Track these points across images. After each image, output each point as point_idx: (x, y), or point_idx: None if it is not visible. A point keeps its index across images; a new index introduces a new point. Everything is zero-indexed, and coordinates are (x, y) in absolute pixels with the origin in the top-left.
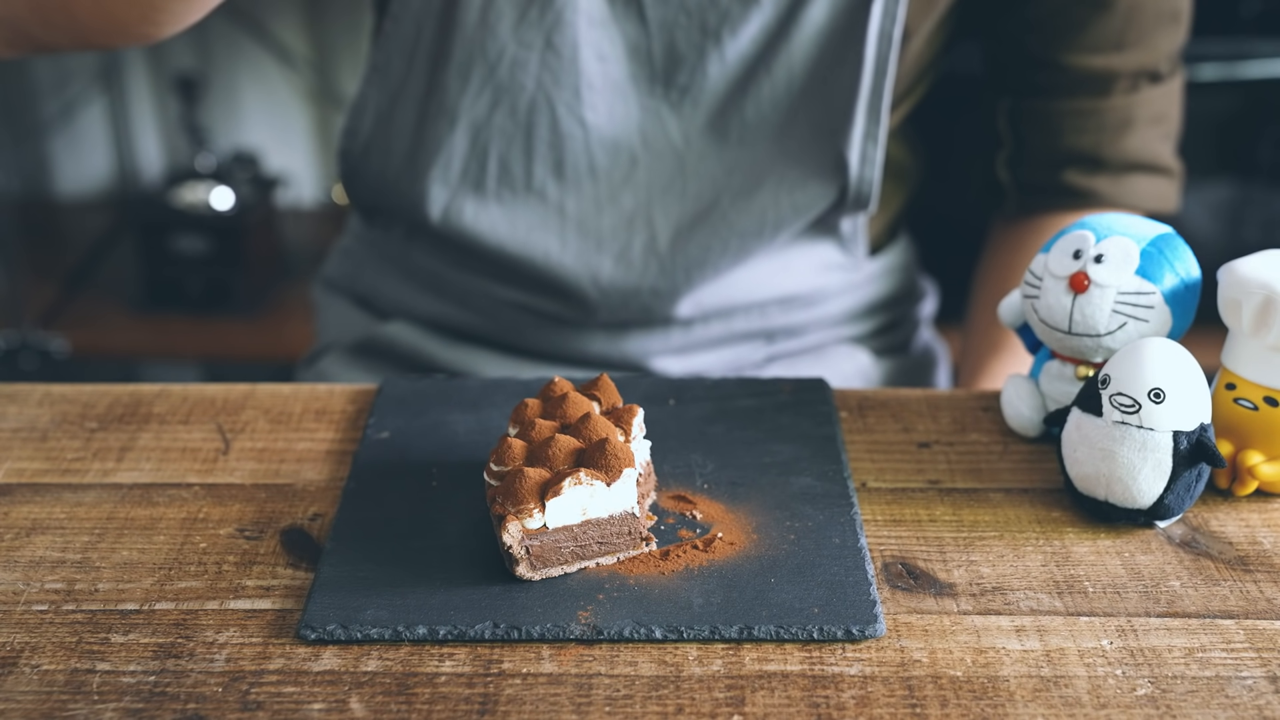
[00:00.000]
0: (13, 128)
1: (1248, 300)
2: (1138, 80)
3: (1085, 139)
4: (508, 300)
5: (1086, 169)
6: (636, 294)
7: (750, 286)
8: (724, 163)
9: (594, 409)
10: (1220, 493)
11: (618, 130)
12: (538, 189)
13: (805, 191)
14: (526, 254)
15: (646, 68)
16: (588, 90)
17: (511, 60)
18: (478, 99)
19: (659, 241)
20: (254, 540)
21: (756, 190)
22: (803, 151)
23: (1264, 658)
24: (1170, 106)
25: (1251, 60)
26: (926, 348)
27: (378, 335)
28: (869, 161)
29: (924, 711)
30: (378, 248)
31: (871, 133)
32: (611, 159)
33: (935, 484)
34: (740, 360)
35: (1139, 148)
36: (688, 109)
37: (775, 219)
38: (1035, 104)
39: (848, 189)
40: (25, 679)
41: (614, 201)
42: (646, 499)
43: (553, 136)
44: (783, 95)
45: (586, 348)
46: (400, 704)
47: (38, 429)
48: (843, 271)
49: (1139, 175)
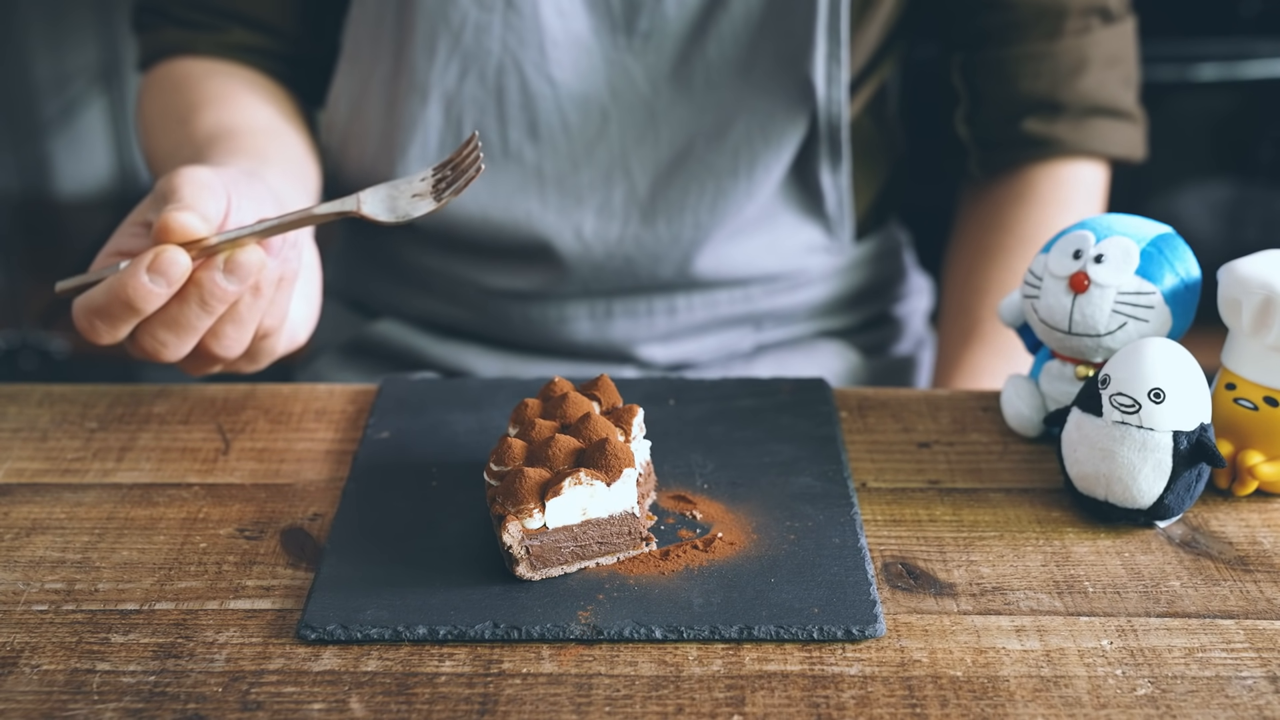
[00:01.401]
0: (13, 128)
1: (1248, 300)
2: (1088, 19)
3: (1040, 83)
4: (493, 288)
5: (1045, 115)
6: (620, 245)
7: (736, 260)
8: (693, 106)
9: (594, 409)
10: (1220, 493)
11: (586, 86)
12: (514, 153)
13: (775, 122)
14: (510, 219)
15: (606, 18)
16: (552, 47)
17: (475, 25)
18: (446, 70)
19: (638, 190)
20: (254, 540)
21: (728, 129)
22: (768, 83)
23: (1264, 658)
24: (1125, 48)
25: (1251, 60)
26: (919, 345)
27: (368, 334)
28: (835, 81)
29: (924, 711)
30: (367, 250)
31: (834, 53)
32: (583, 115)
33: (935, 484)
34: (728, 348)
35: (1096, 89)
36: (651, 56)
37: (749, 155)
38: (987, 54)
39: (817, 114)
40: (25, 679)
41: (590, 157)
42: (647, 499)
43: (523, 99)
44: (742, 30)
45: (573, 336)
46: (400, 704)
47: (38, 429)
48: (827, 254)
49: (1101, 119)
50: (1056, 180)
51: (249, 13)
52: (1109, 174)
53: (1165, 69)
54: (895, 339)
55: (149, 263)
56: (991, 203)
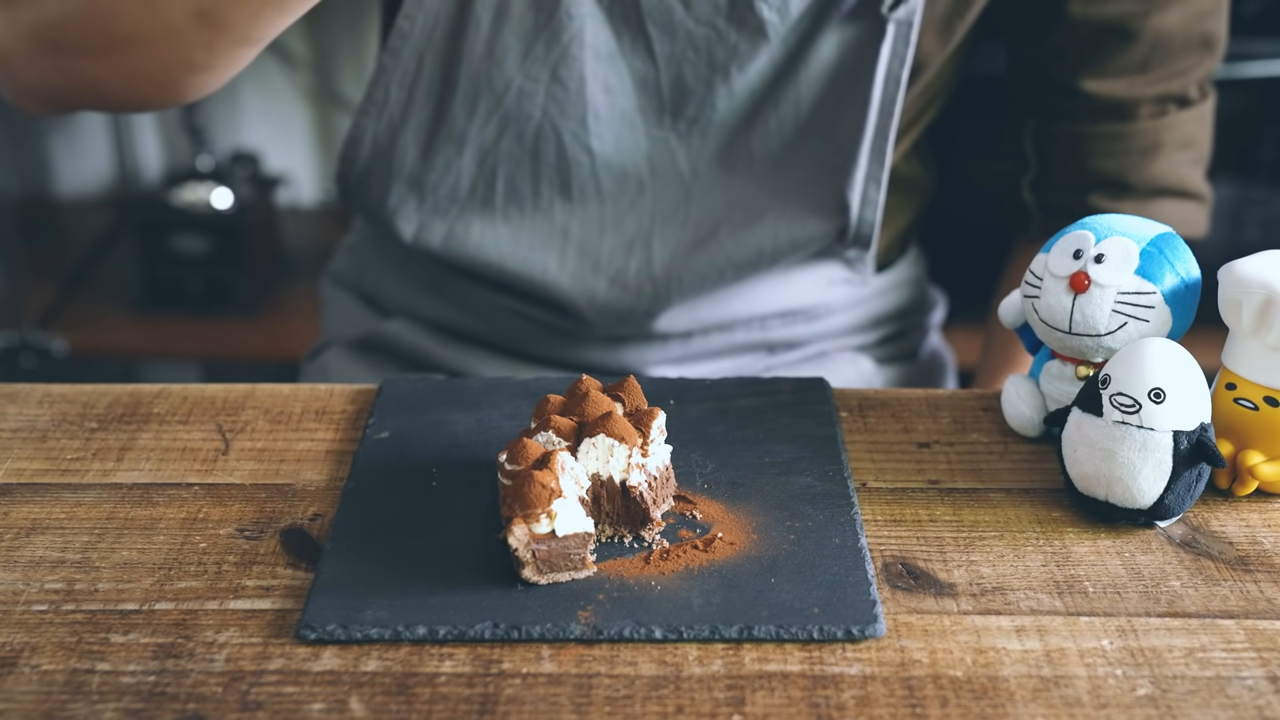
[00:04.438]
0: (13, 128)
1: (1248, 300)
2: (1165, 104)
3: (1111, 163)
4: (506, 307)
5: (1112, 193)
6: (630, 314)
7: (750, 301)
8: (728, 194)
9: (616, 409)
10: (1220, 493)
11: (625, 158)
12: (545, 208)
13: (804, 227)
14: (525, 270)
15: (655, 100)
16: (594, 121)
17: (518, 91)
18: (485, 127)
19: (654, 265)
20: (254, 540)
21: (756, 224)
22: (804, 188)
23: (1264, 658)
24: (1200, 131)
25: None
26: (933, 354)
27: (379, 332)
28: (870, 203)
29: (924, 711)
30: (381, 250)
31: (874, 175)
32: (619, 184)
33: (935, 484)
34: (740, 371)
35: (1166, 172)
36: (695, 140)
37: (772, 251)
38: (1060, 128)
39: (847, 229)
40: (25, 679)
41: (618, 225)
42: (664, 503)
43: (559, 161)
44: (789, 130)
45: (583, 356)
46: (400, 704)
47: (38, 429)
48: (848, 286)
49: (1166, 200)
50: None
51: None
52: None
53: None
54: (908, 352)
55: None
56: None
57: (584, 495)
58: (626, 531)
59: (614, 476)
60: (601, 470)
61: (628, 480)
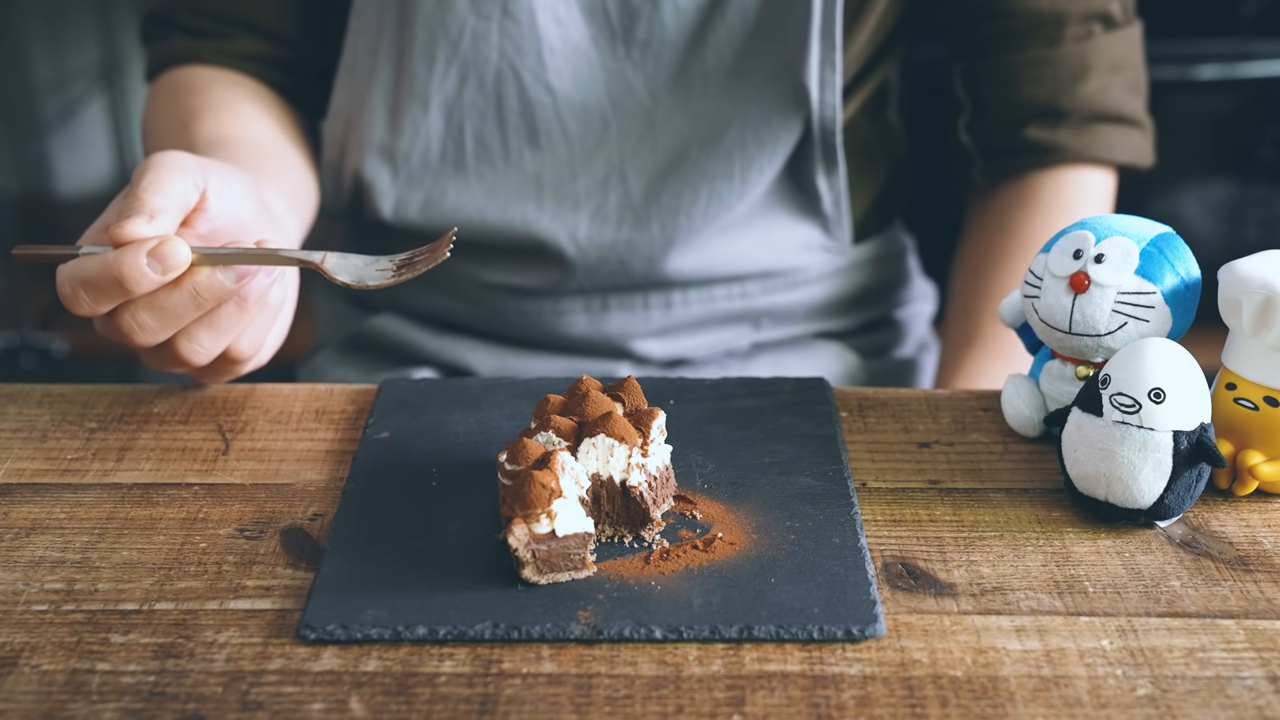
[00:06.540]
0: (13, 128)
1: (1248, 300)
2: (1089, 24)
3: (1041, 90)
4: (490, 282)
5: (1047, 122)
6: (613, 248)
7: (730, 256)
8: (690, 113)
9: (616, 409)
10: (1220, 493)
11: (585, 94)
12: (514, 160)
13: (769, 127)
14: (505, 222)
15: (605, 27)
16: (550, 55)
17: (473, 34)
18: (445, 78)
19: (632, 195)
20: (254, 540)
21: (723, 134)
22: (763, 89)
23: (1264, 658)
24: (1130, 54)
25: (1251, 60)
26: (921, 349)
27: (367, 328)
28: (829, 86)
29: (924, 711)
30: (367, 246)
31: (828, 58)
32: (583, 124)
33: (935, 484)
34: (725, 345)
35: (1097, 95)
36: (650, 66)
37: (743, 159)
38: (987, 61)
39: (811, 119)
40: (25, 679)
41: (588, 164)
42: (664, 503)
43: (522, 106)
44: (739, 37)
45: (569, 330)
46: (400, 704)
47: (37, 429)
48: (825, 253)
49: (1105, 125)
50: (1060, 186)
51: (255, 20)
52: (1116, 180)
53: (1166, 69)
54: (895, 343)
55: (151, 248)
56: (995, 209)
57: (584, 495)
58: (626, 531)
59: (614, 476)
60: (601, 470)
61: (628, 480)
